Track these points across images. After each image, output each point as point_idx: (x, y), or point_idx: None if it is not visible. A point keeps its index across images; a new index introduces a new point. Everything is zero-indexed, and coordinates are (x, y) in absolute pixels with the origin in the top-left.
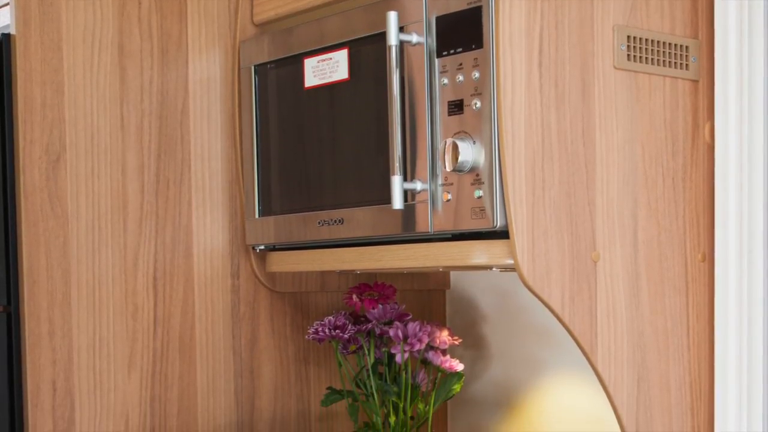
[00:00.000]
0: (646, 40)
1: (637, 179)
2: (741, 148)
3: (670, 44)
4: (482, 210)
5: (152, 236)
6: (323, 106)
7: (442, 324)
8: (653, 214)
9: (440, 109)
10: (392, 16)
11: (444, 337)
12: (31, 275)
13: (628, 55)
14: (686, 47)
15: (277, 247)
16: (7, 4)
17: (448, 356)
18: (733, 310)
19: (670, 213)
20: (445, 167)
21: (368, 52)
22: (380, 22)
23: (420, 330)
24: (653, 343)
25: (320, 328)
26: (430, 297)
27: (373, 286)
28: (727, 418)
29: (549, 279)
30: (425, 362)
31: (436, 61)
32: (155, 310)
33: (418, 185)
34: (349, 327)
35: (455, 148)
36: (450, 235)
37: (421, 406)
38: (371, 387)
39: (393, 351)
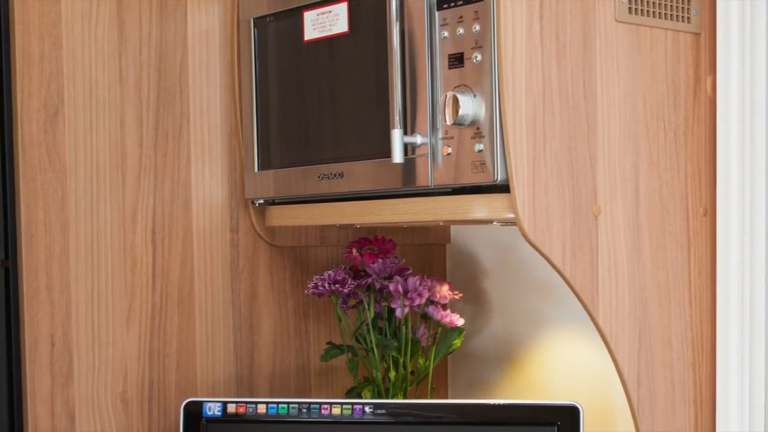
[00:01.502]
0: None
1: (639, 133)
2: (743, 102)
3: None
4: (483, 164)
5: (151, 190)
6: (323, 60)
7: (442, 278)
8: (654, 168)
9: (440, 62)
10: None
11: (444, 291)
12: (29, 229)
13: (630, 8)
14: (688, 0)
15: (276, 201)
16: None
17: (448, 311)
18: (735, 264)
19: (672, 167)
20: (445, 121)
21: (368, 5)
22: None
23: (420, 284)
24: (655, 298)
25: (320, 283)
26: (430, 251)
27: (373, 241)
28: (729, 372)
29: (550, 233)
30: (425, 317)
31: (437, 14)
32: (154, 265)
33: (418, 139)
34: (349, 281)
35: (456, 101)
36: (450, 189)
37: (421, 361)
38: (371, 342)
39: (393, 306)
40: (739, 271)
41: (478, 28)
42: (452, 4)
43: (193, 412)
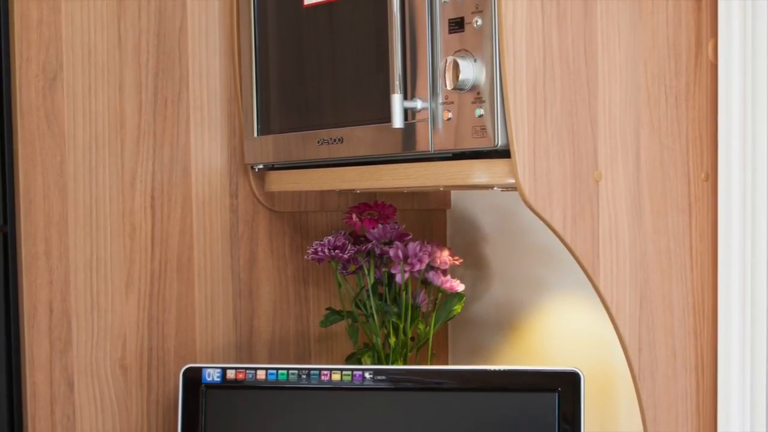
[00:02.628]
0: None
1: (640, 98)
2: (744, 67)
3: None
4: (483, 129)
5: (150, 155)
6: (323, 24)
7: (442, 244)
8: (656, 133)
9: (441, 26)
10: None
11: (444, 257)
12: (28, 195)
13: None
14: None
15: (276, 166)
16: None
17: (448, 276)
18: (736, 229)
19: (673, 132)
20: (445, 86)
21: None
22: None
23: (420, 250)
24: (656, 263)
25: (319, 248)
26: (430, 217)
27: (373, 206)
28: (731, 338)
29: (550, 198)
30: (425, 282)
31: None
32: (153, 230)
33: (418, 104)
34: (349, 247)
35: (456, 66)
36: (450, 154)
37: (421, 326)
38: (371, 308)
39: (393, 271)
40: (740, 236)
41: None
42: None
43: (193, 378)
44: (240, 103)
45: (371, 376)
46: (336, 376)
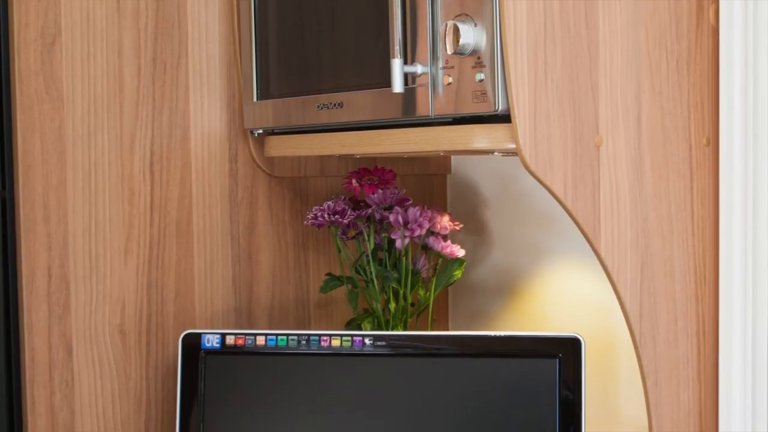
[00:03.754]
0: None
1: (641, 62)
2: (746, 31)
3: None
4: (484, 93)
5: (149, 120)
6: None
7: (442, 209)
8: (657, 97)
9: None
10: None
11: (445, 222)
12: (26, 159)
13: None
14: None
15: (275, 131)
16: None
17: (449, 242)
18: (738, 194)
19: (674, 97)
20: (445, 50)
21: None
22: None
23: (420, 215)
24: (657, 229)
25: (319, 214)
26: (430, 182)
27: (373, 171)
28: (732, 303)
29: (551, 163)
30: (426, 248)
31: None
32: (152, 195)
33: (418, 68)
34: (349, 212)
35: (456, 30)
36: (451, 119)
37: (421, 292)
38: (371, 273)
39: (393, 236)
40: (742, 200)
41: None
42: None
43: (192, 344)
44: (239, 68)
45: (371, 341)
46: (336, 342)
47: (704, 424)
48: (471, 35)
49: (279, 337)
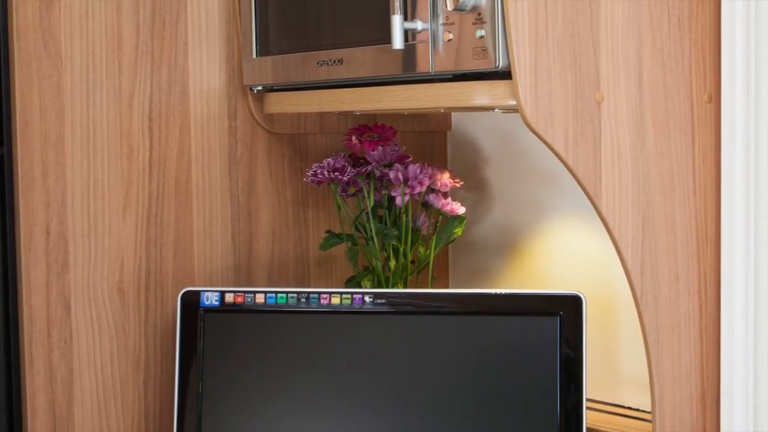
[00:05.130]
0: None
1: (642, 19)
2: None
3: None
4: (484, 50)
5: (148, 77)
6: None
7: (443, 166)
8: (658, 54)
9: None
10: None
11: (445, 179)
12: (24, 117)
13: None
14: None
15: (275, 87)
16: None
17: (449, 199)
18: (740, 151)
19: (676, 53)
20: (446, 6)
21: None
22: None
23: (421, 172)
24: (658, 186)
25: (319, 171)
26: (431, 139)
27: (373, 128)
28: (734, 260)
29: (552, 120)
30: (426, 205)
31: None
32: (151, 153)
33: (418, 24)
34: (349, 169)
35: None
36: (451, 76)
37: (421, 250)
38: (371, 230)
39: (393, 194)
40: (743, 158)
41: None
42: None
43: (191, 301)
44: (239, 24)
45: (371, 299)
46: (335, 300)
47: (706, 382)
48: None
49: (278, 295)
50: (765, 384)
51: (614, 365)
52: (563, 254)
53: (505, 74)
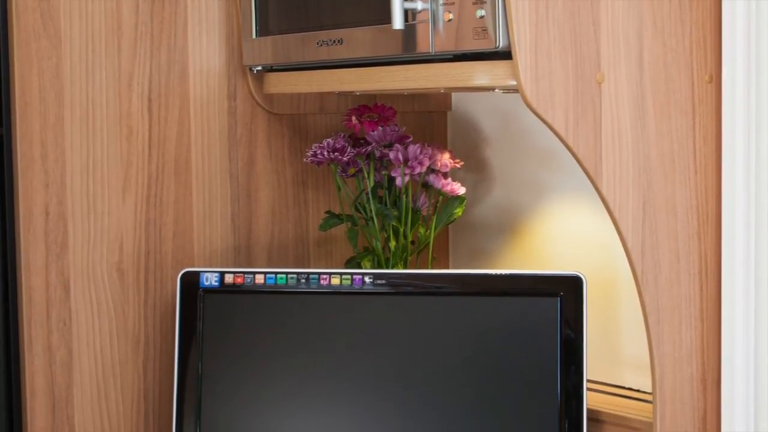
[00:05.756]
0: None
1: None
2: None
3: None
4: (484, 30)
5: (147, 57)
6: None
7: (443, 146)
8: (659, 34)
9: None
10: None
11: (445, 159)
12: (23, 97)
13: None
14: None
15: (274, 67)
16: None
17: (449, 179)
18: (741, 132)
19: (677, 33)
20: None
21: None
22: None
23: (421, 152)
24: (659, 167)
25: (319, 151)
26: (431, 119)
27: (373, 108)
28: (735, 242)
29: (552, 101)
30: (426, 186)
31: None
32: (150, 133)
33: (418, 4)
34: (348, 149)
35: None
36: (451, 56)
37: (421, 230)
38: (371, 211)
39: (393, 174)
40: (744, 138)
41: None
42: None
43: (190, 282)
44: (238, 4)
45: (371, 280)
46: (335, 281)
47: (706, 363)
48: None
49: (278, 276)
50: (766, 364)
51: (615, 346)
52: (563, 235)
53: (506, 54)
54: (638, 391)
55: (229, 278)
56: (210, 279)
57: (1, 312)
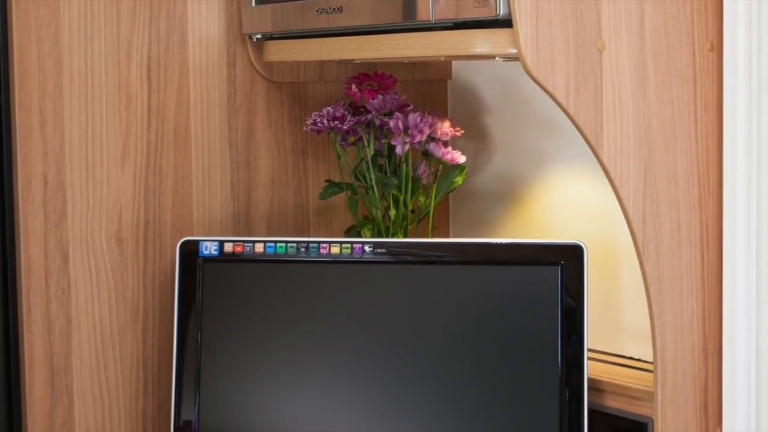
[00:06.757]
0: None
1: None
2: None
3: None
4: None
5: (146, 25)
6: None
7: (443, 115)
8: (660, 2)
9: None
10: None
11: (445, 128)
12: (22, 65)
13: None
14: None
15: (274, 36)
16: None
17: (449, 148)
18: (742, 99)
19: (677, 1)
20: None
21: None
22: None
23: (421, 121)
24: (660, 135)
25: (318, 119)
26: (431, 87)
27: (373, 76)
28: (736, 210)
29: (553, 69)
30: (426, 154)
31: None
32: (149, 101)
33: None
34: (348, 118)
35: None
36: (452, 24)
37: (422, 199)
38: (371, 180)
39: (393, 142)
40: (746, 106)
41: None
42: None
43: (190, 251)
44: None
45: (371, 249)
46: (335, 249)
47: (708, 332)
48: None
49: (278, 245)
50: (767, 334)
51: (616, 315)
52: (564, 203)
53: (506, 22)
54: (639, 360)
55: (228, 247)
56: (209, 248)
57: (1, 281)
